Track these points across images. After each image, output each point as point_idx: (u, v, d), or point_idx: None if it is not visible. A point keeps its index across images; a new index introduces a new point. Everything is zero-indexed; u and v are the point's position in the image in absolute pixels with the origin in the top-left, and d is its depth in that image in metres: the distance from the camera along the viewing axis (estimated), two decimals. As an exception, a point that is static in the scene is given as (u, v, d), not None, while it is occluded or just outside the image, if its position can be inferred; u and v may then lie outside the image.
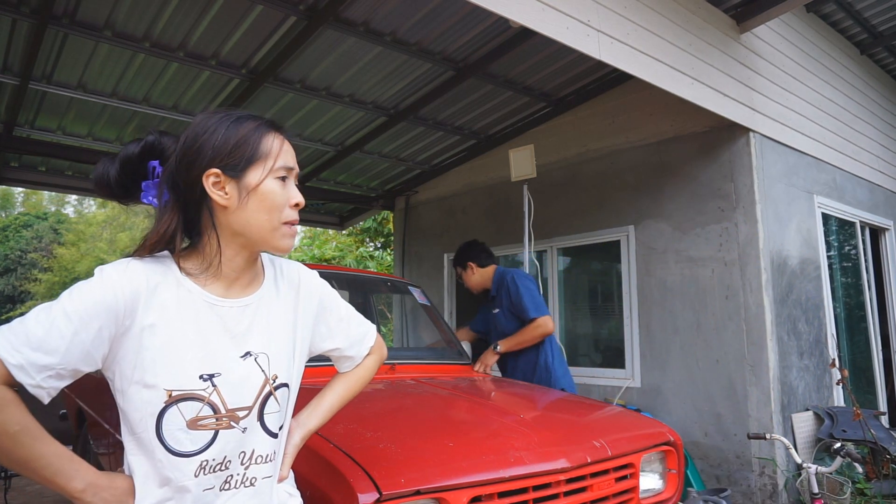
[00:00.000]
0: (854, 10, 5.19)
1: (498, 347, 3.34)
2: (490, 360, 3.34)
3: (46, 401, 1.02)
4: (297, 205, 1.17)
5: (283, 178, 1.15)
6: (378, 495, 1.47)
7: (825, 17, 5.29)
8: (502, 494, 1.69)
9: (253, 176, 1.12)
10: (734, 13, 4.16)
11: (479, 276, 3.61)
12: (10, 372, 0.96)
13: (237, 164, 1.12)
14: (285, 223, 1.14)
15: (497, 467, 1.70)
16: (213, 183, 1.12)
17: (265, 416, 1.16)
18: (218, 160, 1.12)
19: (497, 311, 3.49)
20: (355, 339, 1.41)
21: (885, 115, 6.36)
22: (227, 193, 1.12)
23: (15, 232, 24.00)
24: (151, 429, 1.06)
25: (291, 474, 1.31)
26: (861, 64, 5.91)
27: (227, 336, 1.14)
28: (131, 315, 1.06)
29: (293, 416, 1.32)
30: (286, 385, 1.21)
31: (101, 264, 1.10)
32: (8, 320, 0.99)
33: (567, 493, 1.83)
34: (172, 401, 1.06)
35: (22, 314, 1.01)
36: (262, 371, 1.16)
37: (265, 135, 1.16)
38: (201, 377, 1.08)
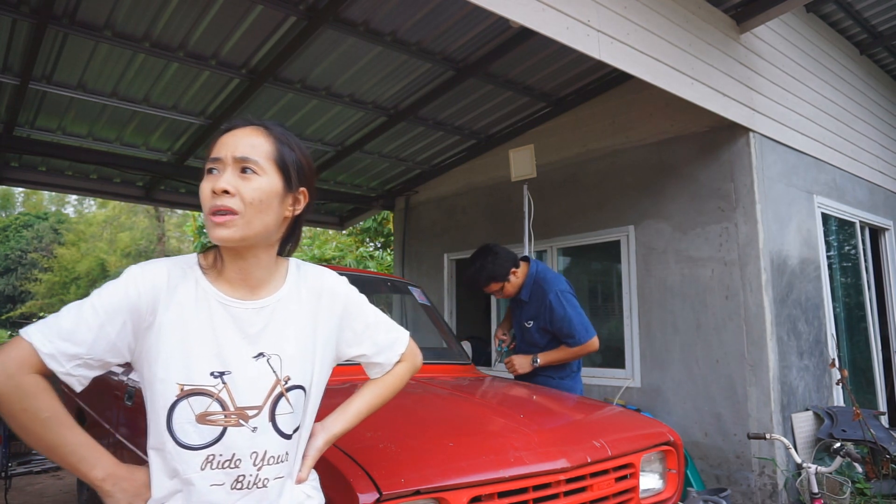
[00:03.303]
0: (854, 10, 5.19)
1: (537, 361, 3.13)
2: (526, 369, 3.16)
3: (78, 389, 1.10)
4: (213, 192, 1.12)
5: (211, 171, 1.15)
6: (378, 495, 1.47)
7: (825, 17, 5.29)
8: (502, 494, 1.69)
9: None
10: (734, 13, 4.16)
11: (518, 278, 3.29)
12: (43, 360, 1.04)
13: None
14: (209, 213, 1.12)
15: (497, 467, 1.70)
16: None
17: (277, 416, 1.17)
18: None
19: (530, 324, 3.20)
20: (383, 345, 1.39)
21: (885, 115, 6.35)
22: None
23: (15, 232, 24.00)
24: (163, 420, 1.11)
25: (315, 475, 1.32)
26: (861, 64, 5.91)
27: (241, 336, 1.17)
28: (153, 312, 1.12)
29: (320, 419, 1.33)
30: (301, 387, 1.21)
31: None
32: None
33: (567, 493, 1.83)
34: (183, 395, 1.10)
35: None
36: (274, 372, 1.18)
37: (217, 137, 1.20)
38: (212, 374, 1.12)
